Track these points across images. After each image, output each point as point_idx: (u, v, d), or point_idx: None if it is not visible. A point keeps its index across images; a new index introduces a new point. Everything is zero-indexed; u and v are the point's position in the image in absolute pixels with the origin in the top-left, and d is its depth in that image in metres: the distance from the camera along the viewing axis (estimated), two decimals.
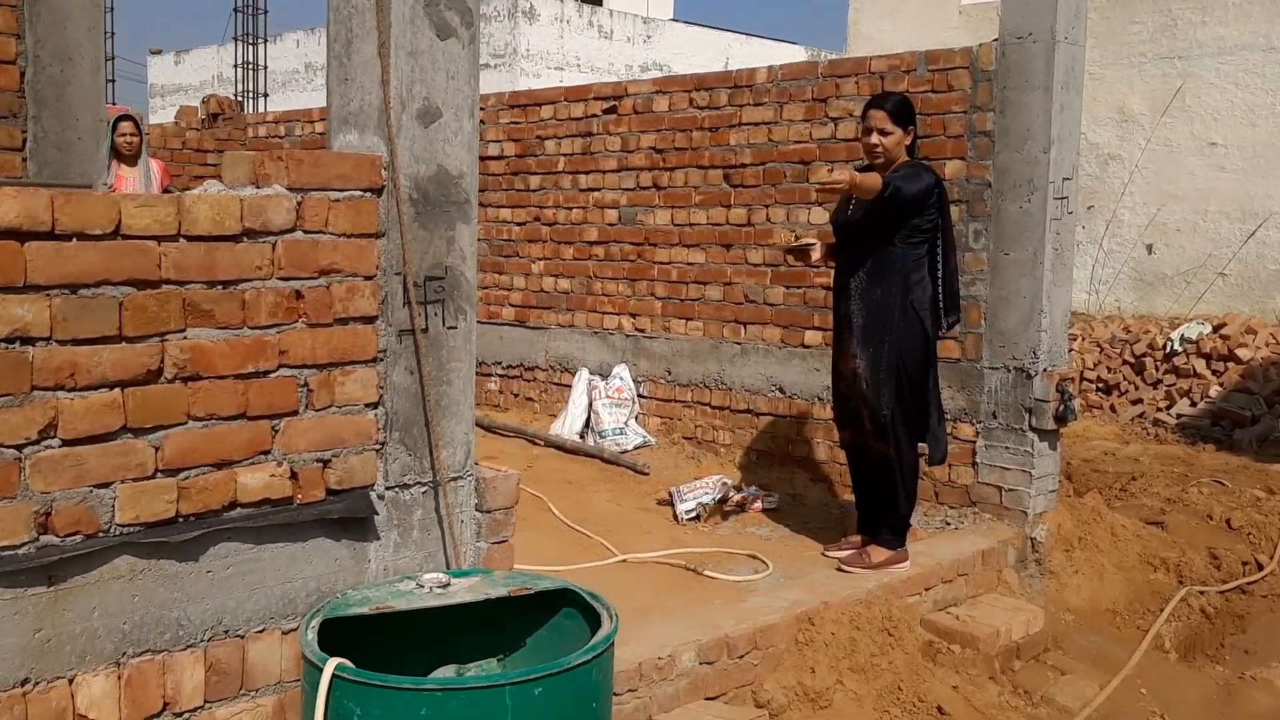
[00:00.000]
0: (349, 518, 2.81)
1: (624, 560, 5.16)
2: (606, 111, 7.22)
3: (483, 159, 7.94)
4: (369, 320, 2.84)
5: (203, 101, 10.46)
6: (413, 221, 2.88)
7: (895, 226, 4.65)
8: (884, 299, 4.73)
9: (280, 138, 9.61)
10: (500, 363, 7.95)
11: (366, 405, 2.85)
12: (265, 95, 25.67)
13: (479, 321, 8.49)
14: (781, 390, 6.44)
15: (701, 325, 6.84)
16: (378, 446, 2.87)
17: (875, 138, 4.71)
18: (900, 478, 4.79)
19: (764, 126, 6.46)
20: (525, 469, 6.63)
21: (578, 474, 6.58)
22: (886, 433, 4.73)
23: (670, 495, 5.97)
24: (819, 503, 6.05)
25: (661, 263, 7.02)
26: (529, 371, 7.78)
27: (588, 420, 7.07)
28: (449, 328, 2.99)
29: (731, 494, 5.96)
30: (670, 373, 6.98)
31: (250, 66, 25.29)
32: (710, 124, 6.71)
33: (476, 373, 8.16)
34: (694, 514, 5.76)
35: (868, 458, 4.84)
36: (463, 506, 3.07)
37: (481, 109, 7.97)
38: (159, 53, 38.56)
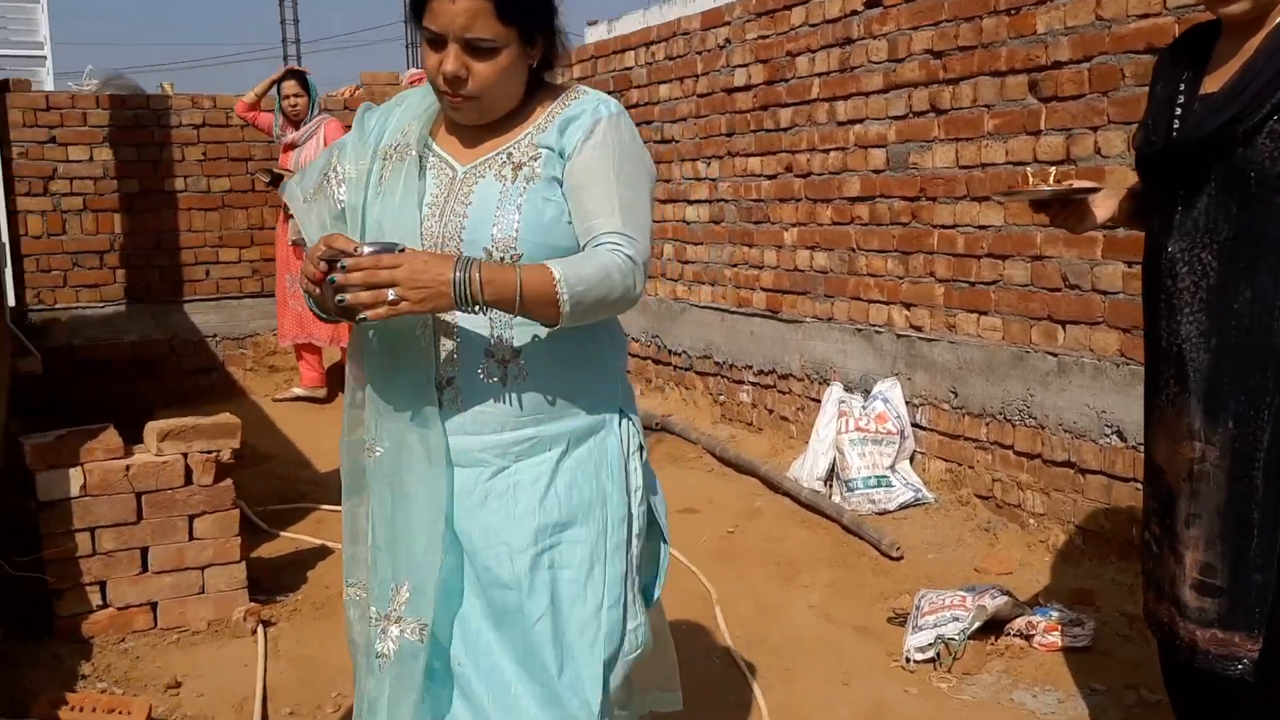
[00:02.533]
0: None
1: None
2: (869, 5, 4.89)
3: (728, 91, 5.87)
4: None
5: None
6: None
7: None
8: (1260, 310, 2.21)
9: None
10: (751, 366, 5.87)
11: None
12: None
13: (729, 310, 6.47)
14: (1120, 435, 3.89)
15: (999, 323, 4.38)
16: None
17: None
18: None
19: None
20: (726, 534, 4.58)
21: (797, 548, 4.41)
22: (1260, 616, 2.22)
23: (912, 609, 3.69)
24: None
25: (943, 226, 4.62)
26: (783, 380, 5.64)
27: (835, 462, 4.84)
28: None
29: (1011, 613, 3.56)
30: (956, 394, 4.59)
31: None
32: (1008, 3, 4.21)
33: (727, 379, 6.16)
34: (932, 653, 3.45)
35: (1200, 666, 2.33)
36: None
37: (725, 23, 5.91)
38: (595, 23, 39.35)
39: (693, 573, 4.15)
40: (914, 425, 4.78)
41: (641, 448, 2.03)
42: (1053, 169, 2.87)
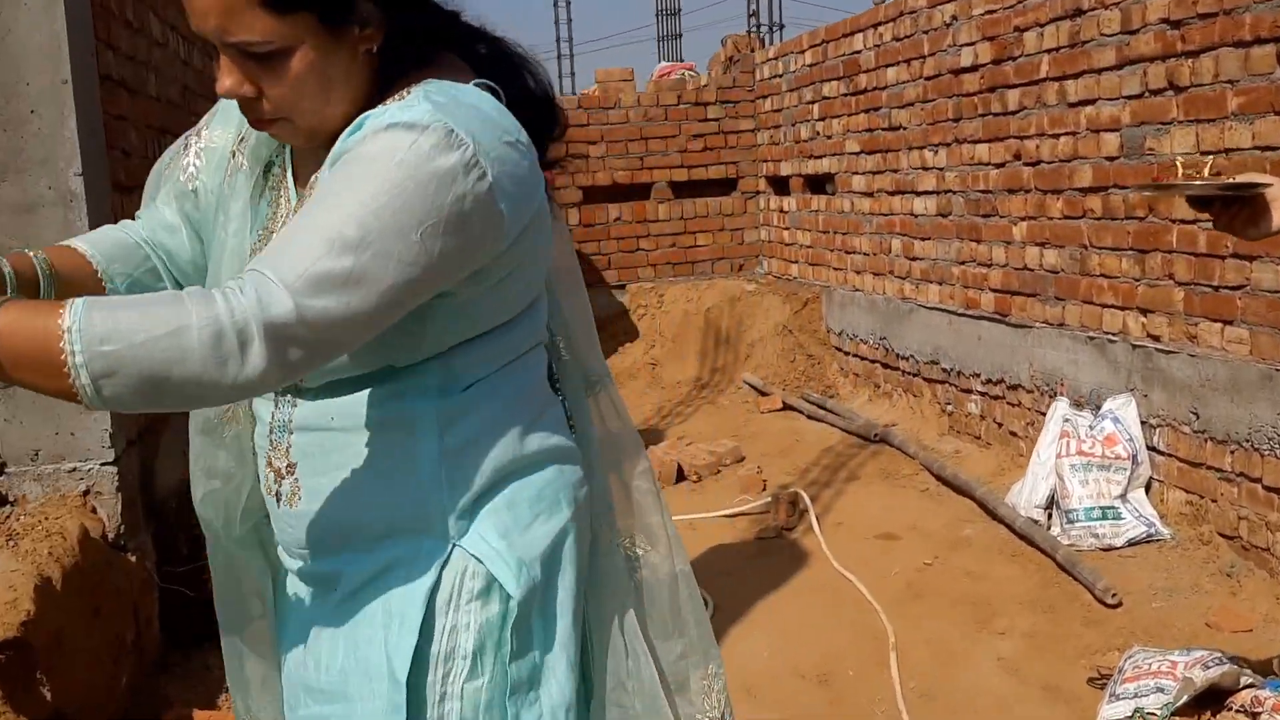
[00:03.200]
0: None
1: None
2: None
3: (955, 73, 5.39)
4: None
5: (722, 43, 8.95)
6: None
7: None
8: None
9: (779, 76, 7.75)
10: (979, 374, 5.36)
11: None
12: (781, 27, 21.95)
13: (957, 312, 5.87)
14: None
15: (1246, 335, 3.74)
16: None
17: None
18: None
19: None
20: (923, 565, 4.18)
21: (999, 587, 3.95)
22: None
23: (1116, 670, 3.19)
24: None
25: (1183, 220, 4.00)
26: (1012, 391, 5.11)
27: (1055, 488, 4.31)
28: None
29: (1236, 683, 3.00)
30: (1197, 415, 3.97)
31: None
32: None
33: (955, 387, 5.66)
34: None
35: None
36: None
37: None
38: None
39: (874, 609, 3.79)
40: (1150, 449, 4.18)
41: (492, 593, 1.29)
42: (1210, 158, 2.33)
